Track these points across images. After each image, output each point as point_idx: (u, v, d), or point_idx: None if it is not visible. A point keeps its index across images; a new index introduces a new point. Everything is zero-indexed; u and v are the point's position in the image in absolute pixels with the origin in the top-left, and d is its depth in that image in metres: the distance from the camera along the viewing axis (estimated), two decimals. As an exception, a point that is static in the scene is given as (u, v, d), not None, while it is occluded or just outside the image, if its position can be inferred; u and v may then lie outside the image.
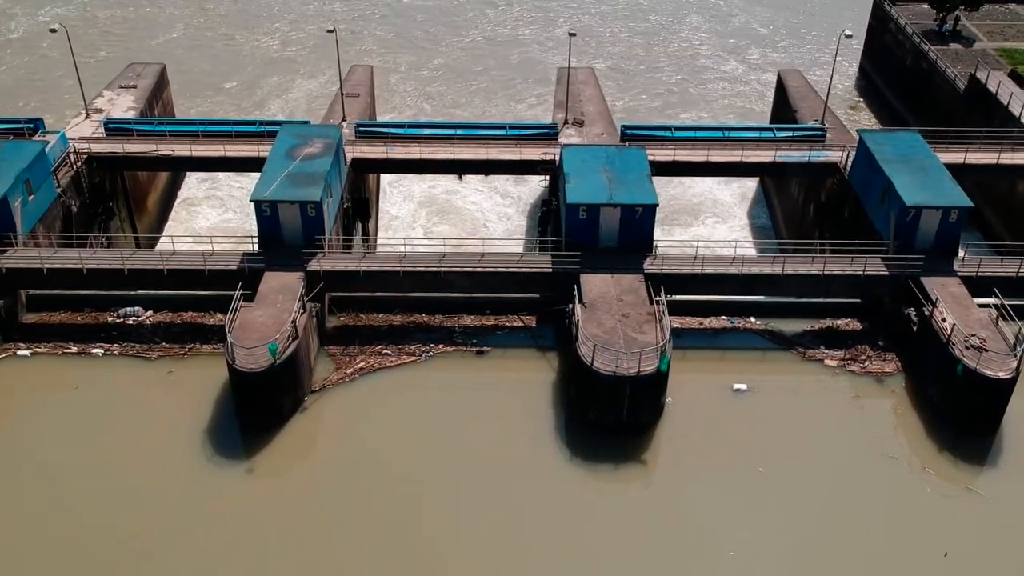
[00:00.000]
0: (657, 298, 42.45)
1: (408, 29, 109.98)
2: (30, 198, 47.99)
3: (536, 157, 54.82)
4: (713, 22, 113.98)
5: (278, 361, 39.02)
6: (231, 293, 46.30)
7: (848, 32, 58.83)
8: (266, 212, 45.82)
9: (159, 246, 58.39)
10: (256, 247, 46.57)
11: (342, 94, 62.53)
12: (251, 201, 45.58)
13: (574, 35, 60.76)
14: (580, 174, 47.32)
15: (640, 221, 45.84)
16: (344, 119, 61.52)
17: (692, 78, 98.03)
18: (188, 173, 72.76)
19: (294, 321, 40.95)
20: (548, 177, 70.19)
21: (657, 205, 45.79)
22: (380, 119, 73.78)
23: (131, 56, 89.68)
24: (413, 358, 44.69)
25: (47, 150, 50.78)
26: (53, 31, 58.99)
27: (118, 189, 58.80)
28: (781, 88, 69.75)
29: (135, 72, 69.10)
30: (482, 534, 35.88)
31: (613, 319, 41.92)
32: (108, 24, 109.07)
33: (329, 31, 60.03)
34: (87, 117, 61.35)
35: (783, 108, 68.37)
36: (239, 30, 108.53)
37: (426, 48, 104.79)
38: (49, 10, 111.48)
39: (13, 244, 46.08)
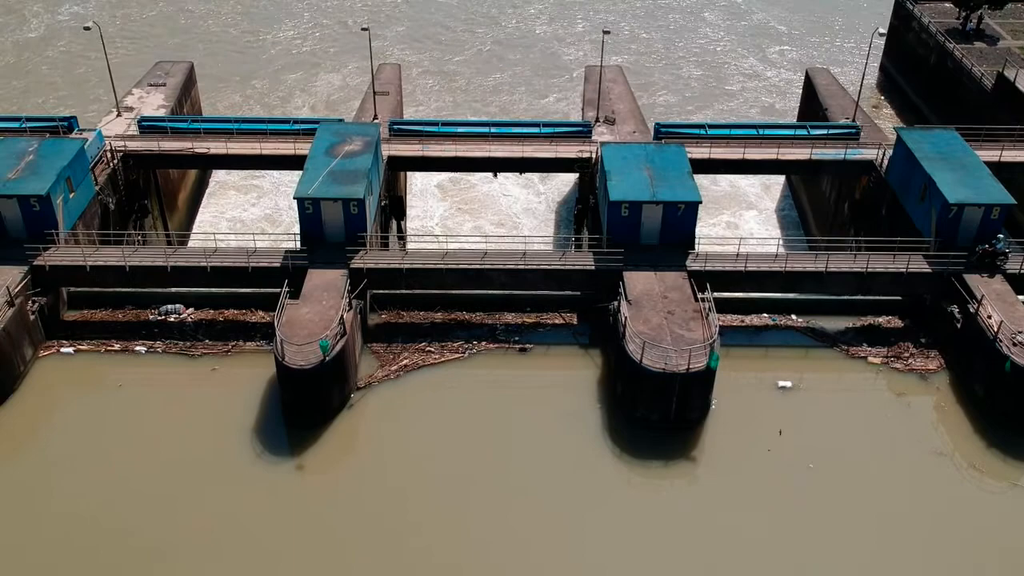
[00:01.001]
0: (703, 295, 42.46)
1: (426, 26, 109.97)
2: (71, 195, 48.05)
3: (572, 155, 54.83)
4: (731, 20, 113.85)
5: (328, 358, 39.05)
6: (272, 291, 46.55)
7: (882, 31, 58.73)
8: (309, 210, 45.84)
9: (191, 243, 58.82)
10: (298, 244, 46.57)
11: (374, 93, 62.55)
12: (295, 199, 45.57)
13: (608, 33, 60.77)
14: (621, 172, 47.31)
15: (682, 218, 45.86)
16: (375, 117, 61.58)
17: (712, 75, 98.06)
18: (214, 171, 72.91)
19: (342, 318, 40.98)
20: (578, 175, 70.74)
21: (700, 202, 45.80)
22: (406, 117, 73.70)
23: (152, 54, 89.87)
24: (456, 355, 44.73)
25: (84, 148, 50.77)
26: (87, 29, 58.89)
27: (151, 187, 58.84)
28: (809, 86, 69.71)
29: (163, 70, 69.11)
30: (531, 530, 35.91)
31: (659, 316, 41.93)
32: (127, 22, 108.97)
33: (364, 29, 60.12)
34: (118, 115, 61.38)
35: (811, 106, 68.34)
36: (259, 26, 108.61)
37: (445, 45, 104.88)
38: (68, 8, 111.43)
39: (55, 241, 46.09)
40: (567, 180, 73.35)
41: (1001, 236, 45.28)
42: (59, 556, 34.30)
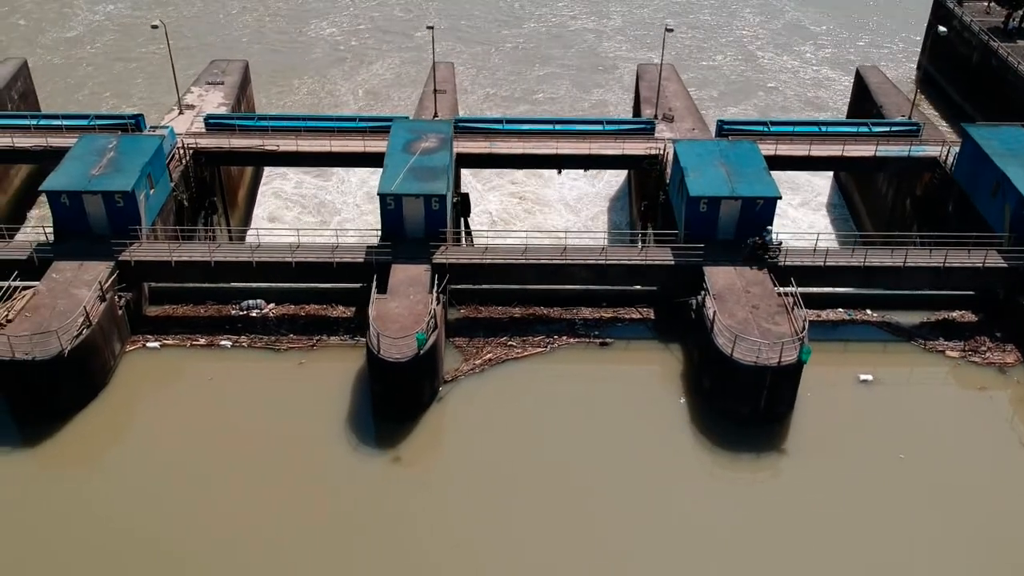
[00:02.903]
0: (789, 289, 42.90)
1: (464, 21, 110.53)
2: (151, 191, 48.59)
3: (639, 152, 55.28)
4: (764, 17, 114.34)
5: (422, 351, 39.52)
6: (351, 286, 47.18)
7: (942, 29, 59.11)
8: (391, 206, 46.33)
9: (266, 239, 59.21)
10: (379, 240, 47.04)
11: (434, 91, 63.05)
12: (378, 194, 46.07)
13: (671, 30, 61.14)
14: (698, 168, 47.75)
15: (760, 213, 46.30)
16: (436, 115, 62.07)
17: (748, 71, 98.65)
18: (266, 169, 73.46)
19: (433, 312, 41.47)
20: (628, 172, 71.27)
21: (780, 198, 46.25)
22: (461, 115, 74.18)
23: (195, 52, 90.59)
24: (538, 349, 45.20)
25: (162, 144, 51.28)
26: (155, 27, 59.42)
27: (216, 183, 59.36)
28: (861, 84, 70.10)
29: (219, 69, 69.66)
30: (625, 522, 36.31)
31: (744, 311, 42.38)
32: (167, 20, 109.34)
33: (429, 27, 60.61)
34: (180, 112, 61.94)
35: (864, 104, 68.73)
36: (298, 24, 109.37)
37: (485, 40, 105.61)
38: (104, 8, 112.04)
39: (138, 237, 46.60)
40: (614, 177, 73.95)
41: None
42: (160, 546, 34.77)
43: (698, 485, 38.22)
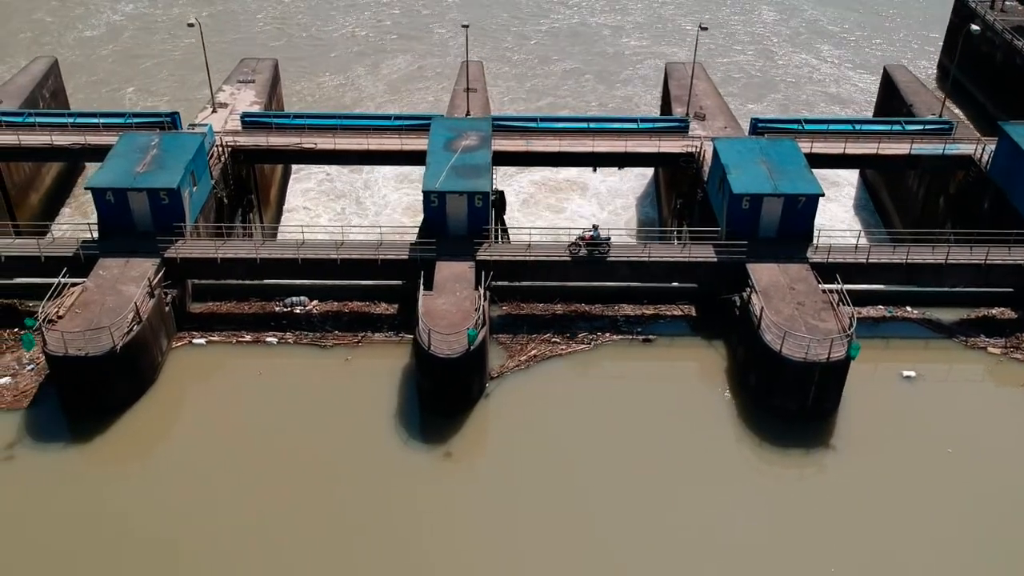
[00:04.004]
0: (833, 286, 43.15)
1: (485, 16, 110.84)
2: (194, 189, 48.86)
3: (675, 150, 55.53)
4: (783, 15, 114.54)
5: (472, 347, 39.79)
6: (393, 282, 47.48)
7: (976, 28, 59.30)
8: (434, 203, 46.59)
9: (281, 236, 59.64)
10: (417, 237, 47.34)
11: (467, 89, 63.31)
12: (423, 192, 46.37)
13: (706, 29, 61.36)
14: (740, 165, 47.99)
15: (802, 211, 46.54)
16: (468, 113, 62.31)
17: (768, 66, 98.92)
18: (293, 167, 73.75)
19: (479, 308, 41.74)
20: (655, 169, 71.51)
21: (823, 195, 46.50)
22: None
23: (218, 49, 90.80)
24: (582, 346, 45.46)
25: (204, 142, 51.54)
26: (191, 25, 59.62)
27: (252, 180, 59.65)
28: (889, 82, 70.34)
29: (250, 67, 69.94)
30: (676, 518, 36.49)
31: (789, 307, 42.62)
32: (185, 18, 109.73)
33: (464, 26, 60.85)
34: (214, 111, 62.20)
35: (892, 102, 68.94)
36: (318, 20, 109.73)
37: (502, 37, 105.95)
38: (123, 7, 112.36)
39: (182, 235, 46.87)
40: (639, 175, 74.30)
41: None
42: (212, 543, 35.04)
43: (746, 481, 38.36)
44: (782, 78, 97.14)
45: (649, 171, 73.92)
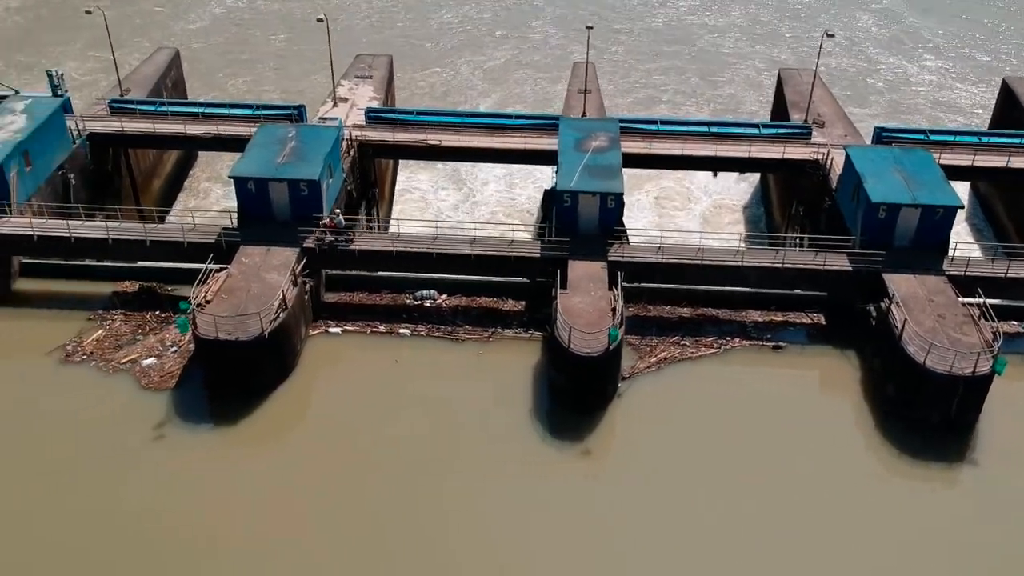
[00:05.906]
0: (975, 300, 42.64)
1: (572, 16, 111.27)
2: (330, 181, 49.98)
3: (802, 156, 55.26)
4: (883, 22, 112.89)
5: (612, 347, 40.16)
6: (521, 280, 48.06)
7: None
8: (567, 203, 47.06)
9: (403, 230, 60.38)
10: (551, 235, 47.79)
11: (584, 90, 63.71)
12: (556, 192, 46.94)
13: (832, 36, 60.86)
14: (876, 174, 47.60)
15: (940, 222, 46.04)
16: (584, 114, 62.65)
17: (866, 72, 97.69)
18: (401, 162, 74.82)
19: (616, 308, 42.09)
20: (761, 176, 70.97)
21: (961, 207, 45.94)
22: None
23: (320, 43, 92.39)
24: (712, 350, 45.54)
25: (339, 136, 52.64)
26: (320, 20, 61.06)
27: (374, 174, 60.77)
28: (1008, 93, 68.62)
29: (366, 63, 71.13)
30: (812, 525, 36.45)
31: (930, 319, 42.20)
32: (285, 13, 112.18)
33: (588, 27, 61.24)
34: (335, 105, 63.46)
35: (1012, 113, 67.42)
36: (416, 15, 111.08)
37: (601, 34, 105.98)
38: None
39: (318, 226, 47.96)
40: (739, 180, 73.88)
41: None
42: (355, 525, 35.99)
43: (885, 491, 38.12)
44: (883, 86, 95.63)
45: (753, 177, 73.40)
